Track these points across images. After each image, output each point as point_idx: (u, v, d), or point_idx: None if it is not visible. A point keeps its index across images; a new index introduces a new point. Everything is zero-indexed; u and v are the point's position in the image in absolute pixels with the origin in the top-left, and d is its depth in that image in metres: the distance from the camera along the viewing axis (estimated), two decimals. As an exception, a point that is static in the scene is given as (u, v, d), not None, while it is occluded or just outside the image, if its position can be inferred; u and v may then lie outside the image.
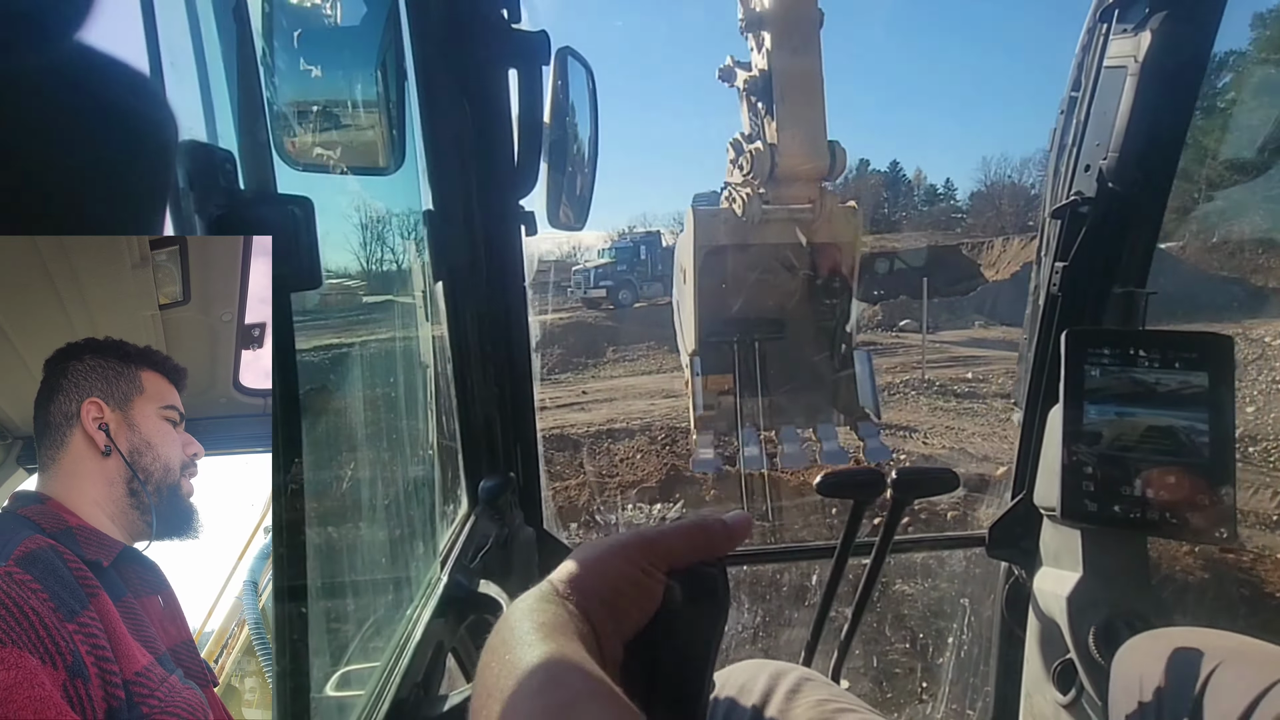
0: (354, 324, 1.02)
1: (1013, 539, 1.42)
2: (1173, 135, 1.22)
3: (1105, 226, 1.28)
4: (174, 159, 0.38)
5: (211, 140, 0.46)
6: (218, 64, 0.48)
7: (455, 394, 1.11)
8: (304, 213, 0.48)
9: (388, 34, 0.83)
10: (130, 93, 0.31)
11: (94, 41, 0.28)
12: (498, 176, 1.02)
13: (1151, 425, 1.12)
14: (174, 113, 0.34)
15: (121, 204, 0.32)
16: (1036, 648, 1.33)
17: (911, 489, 1.16)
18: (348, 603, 0.91)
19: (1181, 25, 1.15)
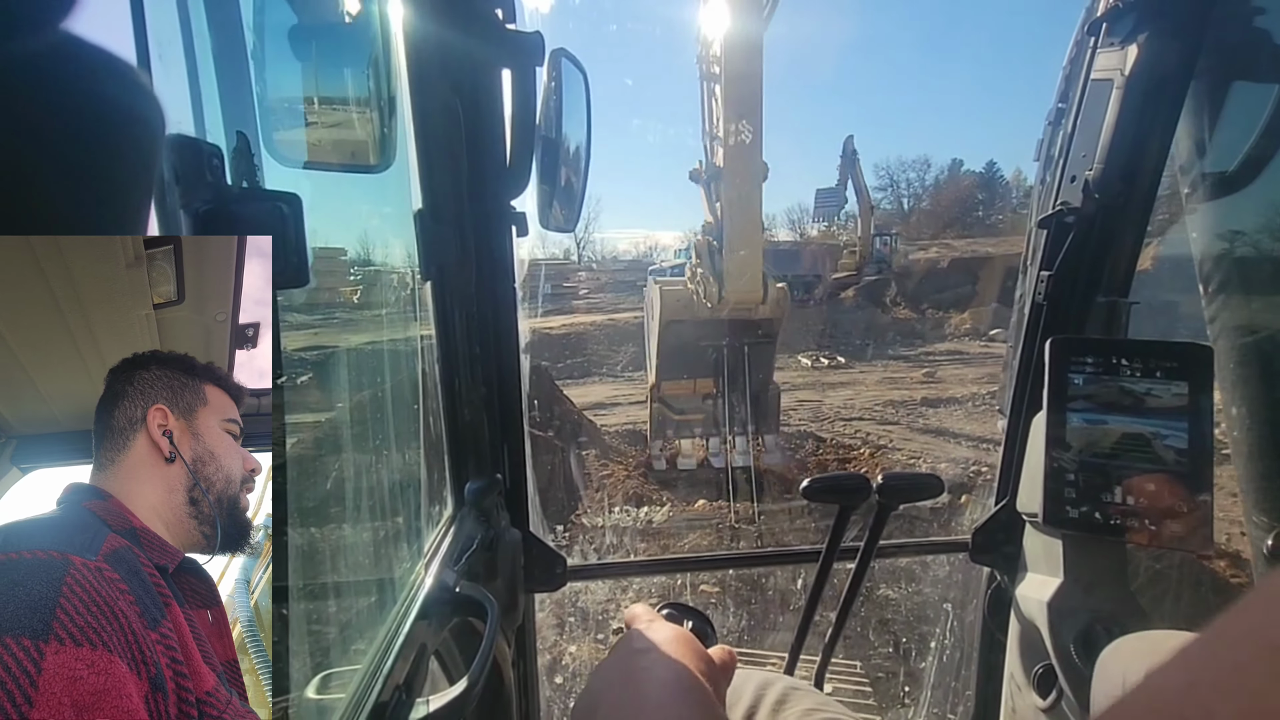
0: (341, 323, 1.01)
1: (995, 545, 1.44)
2: (1157, 148, 1.24)
3: (1090, 237, 1.30)
4: (160, 154, 0.38)
5: (199, 135, 0.46)
6: (207, 58, 0.47)
7: (442, 394, 1.10)
8: (292, 210, 0.47)
9: (380, 30, 0.83)
10: (116, 86, 0.31)
11: (79, 33, 0.27)
12: (489, 177, 1.01)
13: (1132, 433, 1.14)
14: (161, 107, 0.33)
15: (106, 200, 0.31)
16: (1018, 652, 1.34)
17: (897, 494, 1.17)
18: (330, 604, 0.90)
19: (1166, 40, 1.17)
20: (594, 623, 5.29)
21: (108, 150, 0.30)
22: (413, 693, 0.78)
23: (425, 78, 0.91)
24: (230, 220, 0.44)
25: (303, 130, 0.73)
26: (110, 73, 0.30)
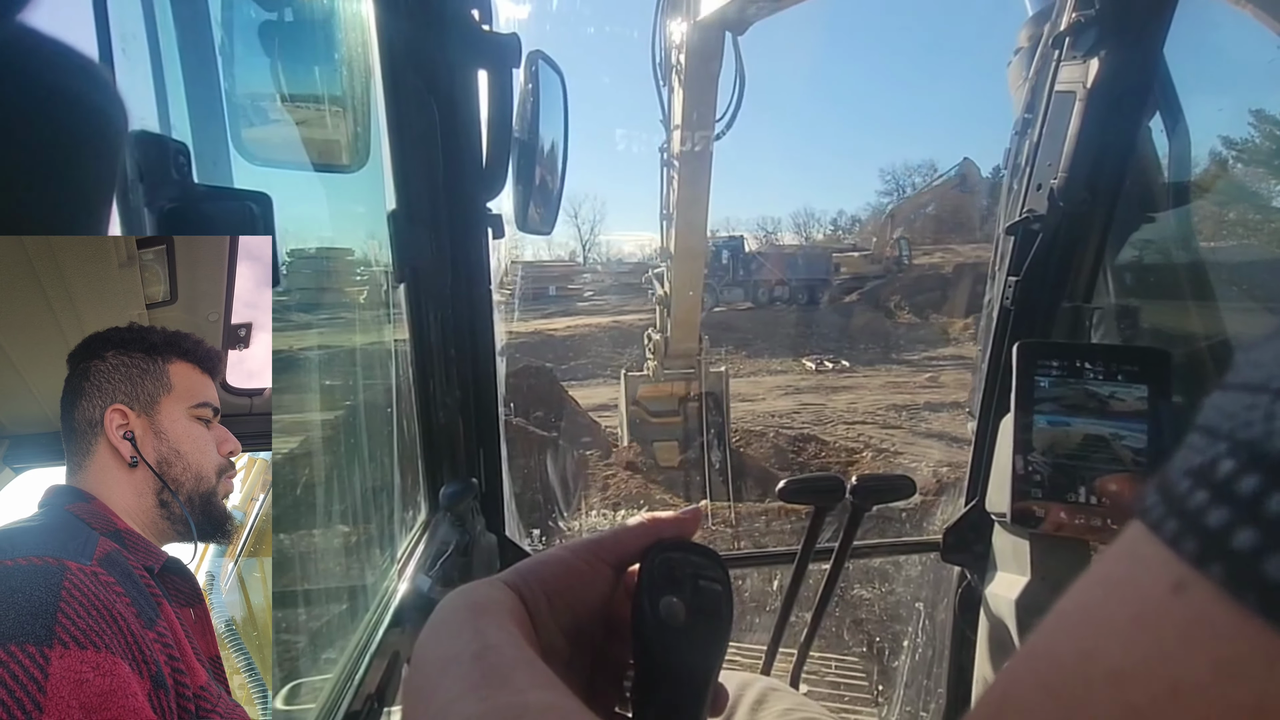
0: (313, 325, 0.99)
1: (965, 544, 1.47)
2: (1118, 157, 1.28)
3: (1055, 243, 1.34)
4: (123, 151, 0.37)
5: (164, 132, 0.44)
6: (173, 53, 0.46)
7: (417, 398, 1.08)
8: (262, 209, 0.46)
9: (353, 29, 0.81)
10: (77, 79, 0.30)
11: (39, 25, 0.27)
12: (465, 178, 1.00)
13: (1096, 434, 1.17)
14: (124, 102, 0.32)
15: (66, 199, 0.30)
16: (987, 650, 1.37)
17: (870, 495, 1.18)
18: (300, 612, 0.88)
19: (1127, 54, 1.21)
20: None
21: (68, 147, 0.29)
22: (385, 701, 0.77)
23: (400, 78, 0.90)
24: (198, 219, 0.42)
25: (274, 128, 0.72)
26: (71, 67, 0.29)
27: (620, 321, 20.44)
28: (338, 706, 0.68)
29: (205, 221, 0.43)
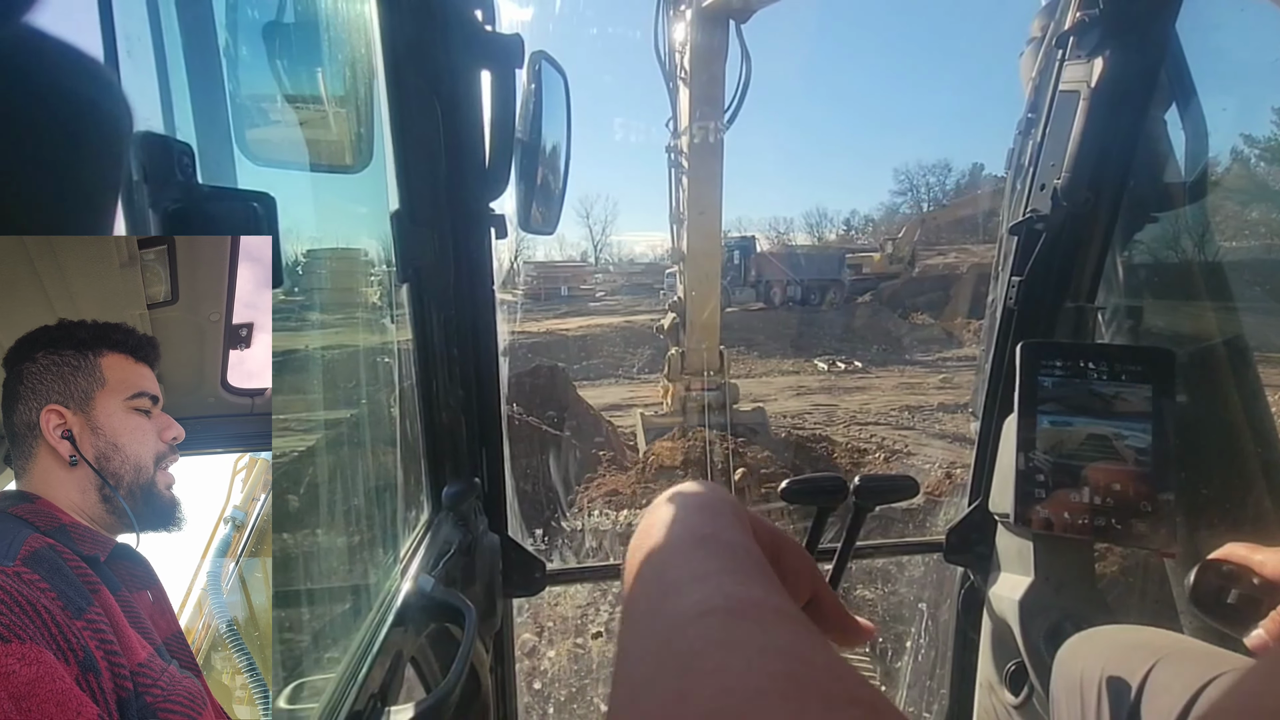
0: (316, 325, 0.99)
1: (968, 544, 1.46)
2: (1122, 157, 1.28)
3: (1059, 243, 1.33)
4: (127, 151, 0.37)
5: (169, 132, 0.45)
6: (177, 54, 0.46)
7: (420, 398, 1.09)
8: (266, 210, 0.46)
9: (357, 30, 0.82)
10: (82, 80, 0.30)
11: (45, 27, 0.27)
12: (468, 178, 1.00)
13: (1099, 435, 1.17)
14: (128, 103, 0.32)
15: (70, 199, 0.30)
16: (990, 650, 1.37)
17: (873, 495, 1.18)
18: (302, 611, 0.88)
19: (1131, 54, 1.21)
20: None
21: (72, 147, 0.30)
22: (388, 700, 0.77)
23: (403, 78, 0.90)
24: (201, 220, 0.43)
25: (277, 129, 0.72)
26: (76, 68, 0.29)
27: (632, 321, 20.43)
28: (340, 705, 0.69)
29: (209, 222, 0.43)
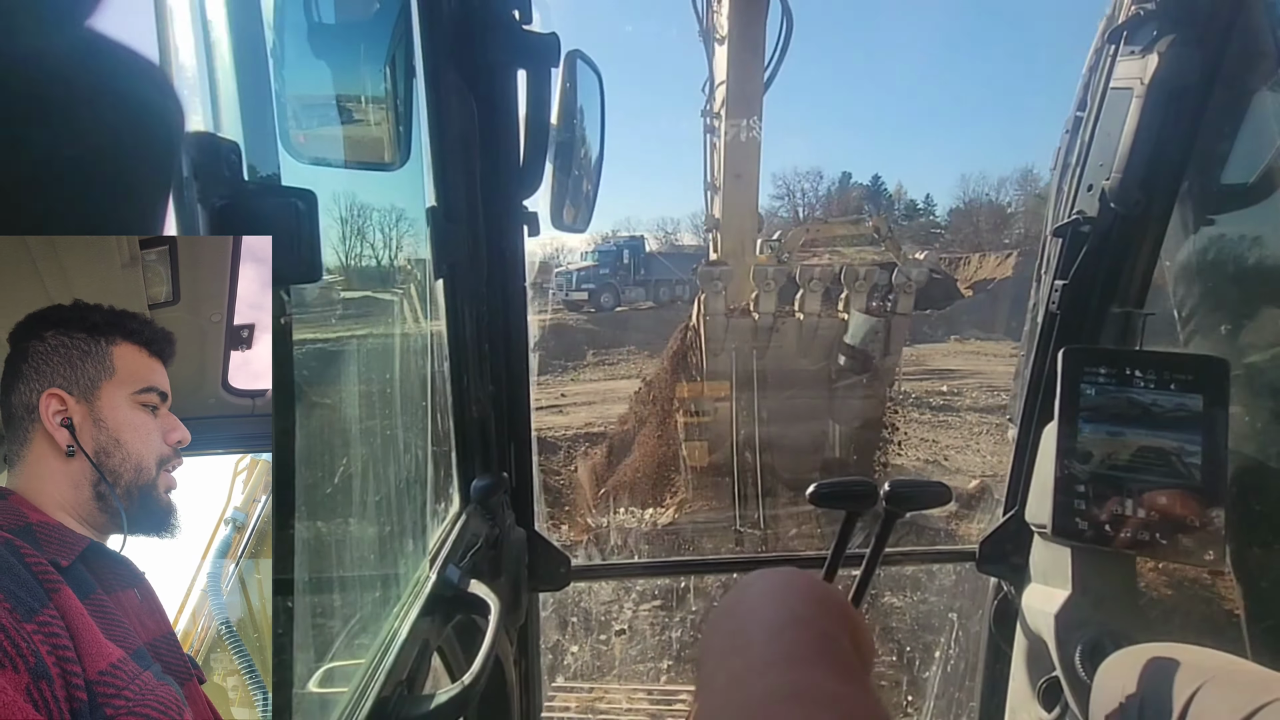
0: (352, 318, 1.02)
1: (1003, 555, 1.42)
2: (1176, 158, 1.22)
3: (1106, 246, 1.29)
4: (180, 149, 0.38)
5: (217, 131, 0.46)
6: (226, 55, 0.48)
7: (451, 392, 1.10)
8: (307, 206, 0.48)
9: (398, 30, 0.83)
10: (138, 83, 0.31)
11: (103, 30, 0.28)
12: (502, 176, 1.02)
13: (1145, 445, 1.13)
14: (180, 104, 0.34)
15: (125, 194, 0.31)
16: (1023, 664, 1.33)
17: (904, 502, 1.16)
18: (334, 598, 0.90)
19: (1189, 49, 1.15)
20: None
21: (127, 147, 0.31)
22: (414, 688, 0.79)
23: (441, 77, 0.91)
24: (246, 216, 0.44)
25: (320, 128, 0.74)
26: (133, 70, 0.31)
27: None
28: (368, 691, 0.70)
29: (254, 217, 0.45)
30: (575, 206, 1.12)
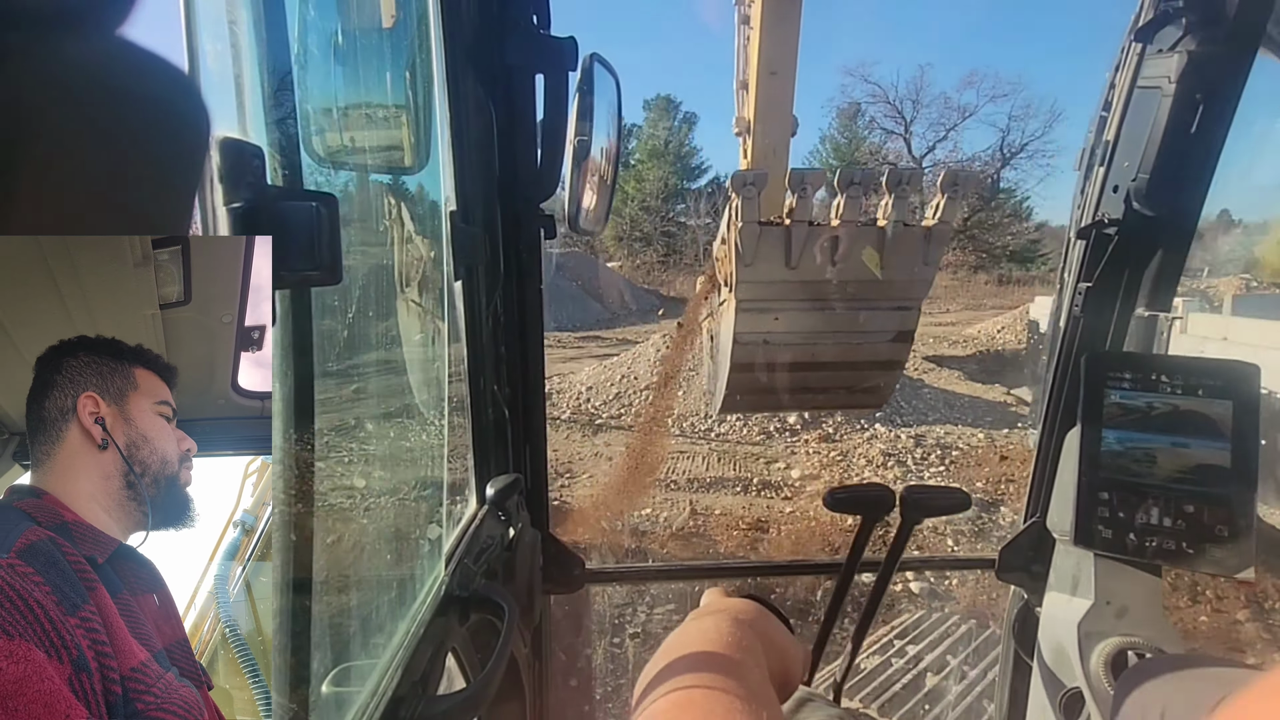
0: (372, 320, 1.03)
1: (1023, 563, 1.40)
2: (1205, 160, 1.20)
3: (1131, 249, 1.26)
4: (205, 154, 0.39)
5: (242, 136, 0.47)
6: (251, 61, 0.48)
7: (469, 393, 1.11)
8: (328, 210, 0.48)
9: (418, 36, 0.84)
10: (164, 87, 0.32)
11: (131, 37, 0.28)
12: (520, 179, 1.02)
13: (1171, 453, 1.10)
14: (206, 108, 0.34)
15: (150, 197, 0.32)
16: (1043, 674, 1.31)
17: (921, 508, 1.14)
18: (351, 598, 0.91)
19: (1219, 48, 1.13)
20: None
21: (153, 151, 0.31)
22: (429, 688, 0.79)
23: (461, 82, 0.92)
24: (268, 219, 0.45)
25: (341, 132, 0.75)
26: (157, 75, 0.31)
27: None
28: (385, 691, 0.71)
29: (275, 221, 0.45)
30: (591, 209, 1.12)
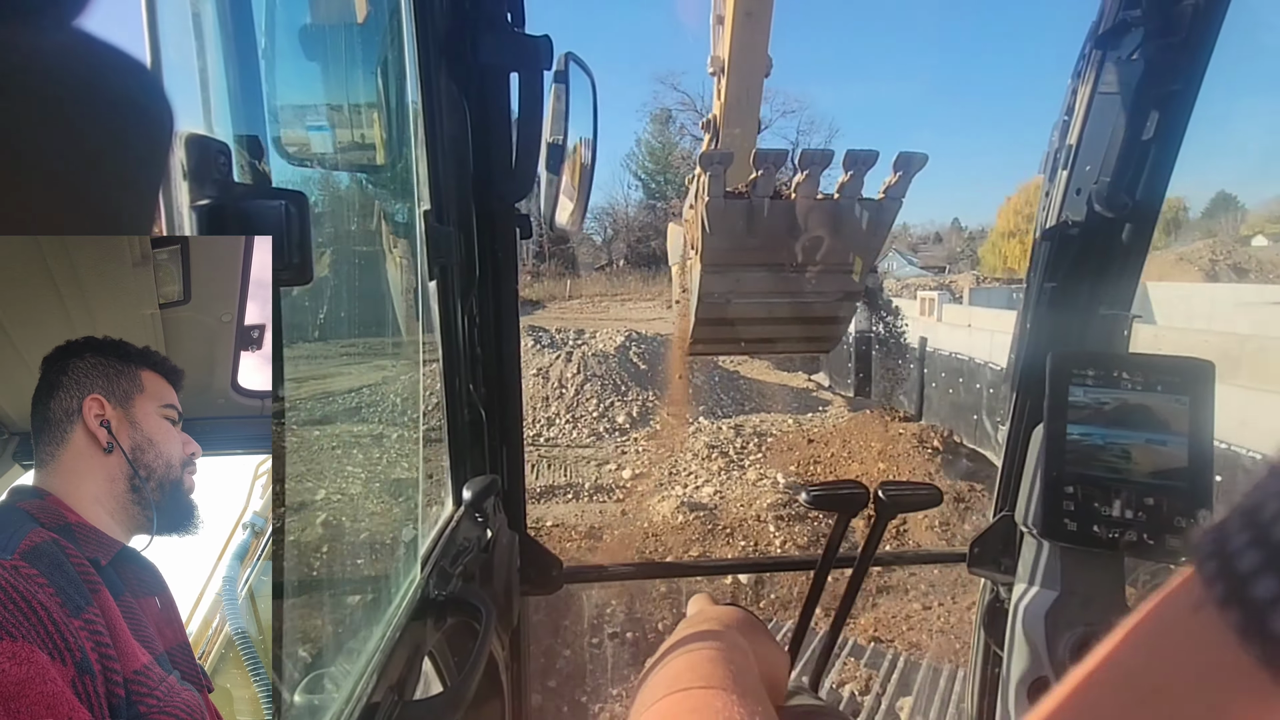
0: (344, 321, 1.01)
1: (993, 556, 1.43)
2: (1163, 163, 1.24)
3: (1093, 250, 1.30)
4: (168, 151, 0.38)
5: (207, 132, 0.46)
6: (217, 55, 0.47)
7: (444, 394, 1.10)
8: (298, 208, 0.47)
9: (390, 32, 0.83)
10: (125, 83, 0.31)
11: (91, 30, 0.28)
12: (495, 179, 1.01)
13: (1132, 447, 1.14)
14: (170, 104, 0.33)
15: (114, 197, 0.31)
16: (1013, 664, 1.34)
17: (895, 504, 1.17)
18: (324, 602, 0.89)
19: (1175, 55, 1.17)
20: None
21: (116, 147, 0.30)
22: (406, 693, 0.78)
23: (434, 79, 0.91)
24: (236, 218, 0.44)
25: (311, 129, 0.73)
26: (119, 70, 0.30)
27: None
28: (360, 697, 0.70)
29: (243, 219, 0.44)
30: (568, 209, 1.11)
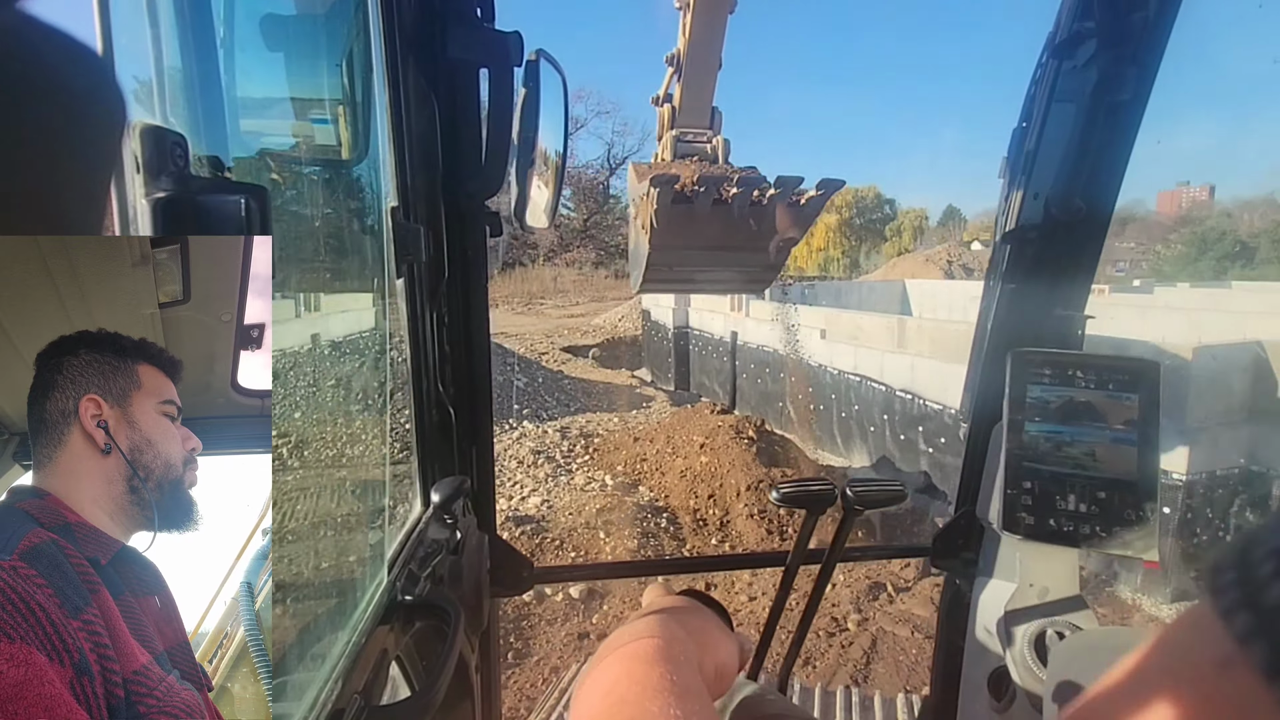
0: (308, 320, 0.98)
1: (955, 550, 1.47)
2: (1115, 169, 1.29)
3: (1050, 252, 1.35)
4: (121, 143, 0.36)
5: (162, 122, 0.44)
6: (172, 44, 0.46)
7: (411, 394, 1.08)
8: (258, 202, 0.46)
9: (356, 25, 0.81)
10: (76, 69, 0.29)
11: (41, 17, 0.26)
12: (464, 175, 1.00)
13: (1085, 443, 1.18)
14: (122, 94, 0.32)
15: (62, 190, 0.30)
16: (974, 656, 1.38)
17: (862, 501, 1.19)
18: (286, 608, 0.87)
19: (1126, 66, 1.22)
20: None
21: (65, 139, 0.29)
22: (371, 699, 0.77)
23: (401, 74, 0.89)
24: (193, 212, 0.42)
25: (274, 122, 0.71)
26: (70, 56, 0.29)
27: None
28: (325, 704, 0.68)
29: (201, 214, 0.43)
30: (538, 206, 1.11)
